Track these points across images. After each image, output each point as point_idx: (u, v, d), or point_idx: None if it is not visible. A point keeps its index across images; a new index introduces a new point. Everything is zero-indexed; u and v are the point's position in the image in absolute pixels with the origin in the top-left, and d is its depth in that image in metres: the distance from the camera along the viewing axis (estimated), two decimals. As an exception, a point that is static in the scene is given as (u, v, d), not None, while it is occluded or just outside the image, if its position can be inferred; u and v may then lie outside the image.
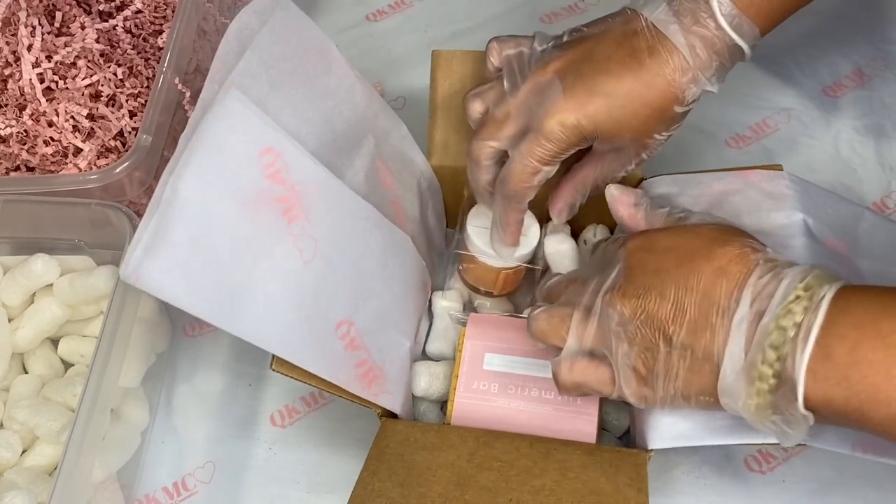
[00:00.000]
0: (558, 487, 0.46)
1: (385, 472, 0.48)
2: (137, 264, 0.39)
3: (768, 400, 0.40)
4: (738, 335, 0.41)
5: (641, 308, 0.44)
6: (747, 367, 0.40)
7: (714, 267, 0.43)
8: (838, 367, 0.38)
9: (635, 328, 0.44)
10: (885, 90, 0.72)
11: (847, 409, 0.38)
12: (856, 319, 0.38)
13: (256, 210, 0.44)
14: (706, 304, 0.42)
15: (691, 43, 0.48)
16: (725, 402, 0.42)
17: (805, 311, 0.39)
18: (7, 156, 0.61)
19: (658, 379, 0.44)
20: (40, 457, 0.55)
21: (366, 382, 0.50)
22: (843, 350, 0.38)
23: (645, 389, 0.45)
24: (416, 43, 0.78)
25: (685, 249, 0.45)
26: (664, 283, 0.44)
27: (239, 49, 0.46)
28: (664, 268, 0.44)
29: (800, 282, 0.40)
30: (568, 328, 0.46)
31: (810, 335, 0.38)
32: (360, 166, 0.53)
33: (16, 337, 0.58)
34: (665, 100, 0.49)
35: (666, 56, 0.48)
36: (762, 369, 0.40)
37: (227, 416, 0.61)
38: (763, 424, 0.41)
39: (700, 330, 0.42)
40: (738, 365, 0.41)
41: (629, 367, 0.44)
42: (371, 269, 0.52)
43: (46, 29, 0.63)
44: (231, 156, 0.43)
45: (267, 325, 0.44)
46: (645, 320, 0.44)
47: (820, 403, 0.38)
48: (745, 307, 0.41)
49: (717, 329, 0.42)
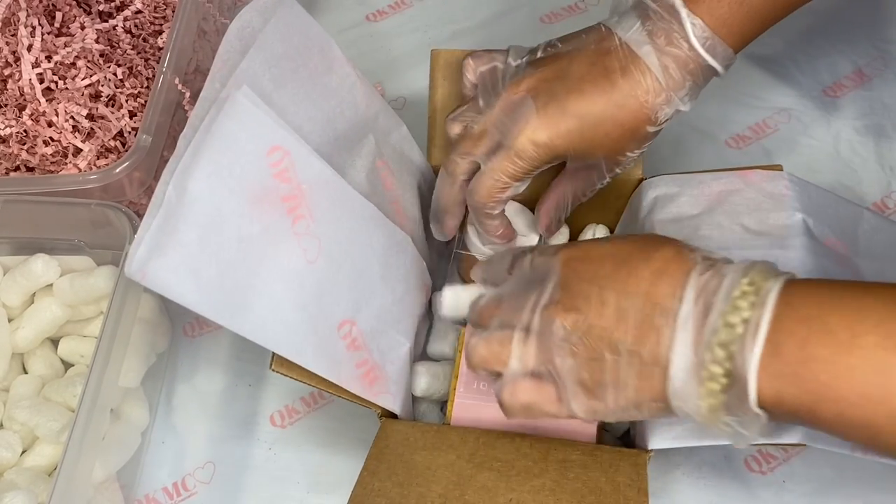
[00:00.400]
0: (558, 487, 0.46)
1: (385, 472, 0.48)
2: (144, 262, 0.39)
3: (720, 400, 0.38)
4: (685, 334, 0.39)
5: (582, 318, 0.42)
6: (696, 367, 0.39)
7: (653, 269, 0.42)
8: (788, 364, 0.37)
9: (578, 340, 0.42)
10: (885, 90, 0.72)
11: (798, 406, 0.37)
12: (803, 314, 0.37)
13: (262, 208, 0.44)
14: (649, 307, 0.41)
15: (664, 64, 0.48)
16: (676, 405, 0.40)
17: (752, 306, 0.38)
18: (7, 156, 0.61)
19: (607, 390, 0.42)
20: (40, 457, 0.55)
21: (366, 382, 0.50)
22: (793, 346, 0.37)
23: (594, 402, 0.43)
24: (416, 43, 0.78)
25: (620, 255, 0.43)
26: (603, 290, 0.42)
27: (241, 48, 0.46)
28: (601, 274, 0.43)
29: (743, 276, 0.39)
30: (509, 352, 0.45)
31: (759, 331, 0.37)
32: (361, 166, 0.53)
33: (16, 337, 0.58)
34: (637, 120, 0.49)
35: (639, 77, 0.48)
36: (712, 369, 0.38)
37: (227, 416, 0.61)
38: (716, 426, 0.40)
39: (645, 333, 0.40)
40: (687, 365, 0.39)
41: (575, 381, 0.43)
42: (373, 269, 0.52)
43: (46, 29, 0.63)
44: (240, 153, 0.43)
45: (271, 324, 0.44)
46: (587, 331, 0.42)
47: (771, 402, 0.37)
48: (688, 305, 0.40)
49: (663, 330, 0.40)
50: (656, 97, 0.48)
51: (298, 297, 0.46)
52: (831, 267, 0.49)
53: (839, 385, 0.36)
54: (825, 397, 0.36)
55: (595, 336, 0.42)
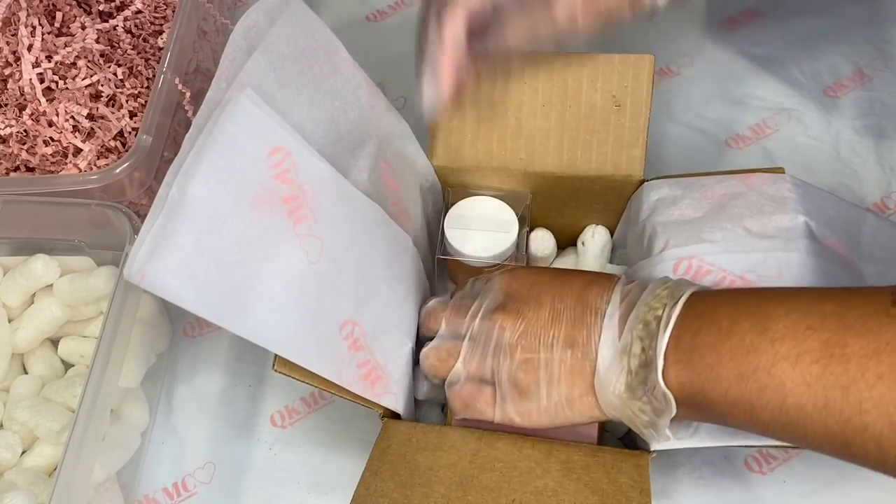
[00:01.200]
0: (560, 488, 0.46)
1: (387, 473, 0.48)
2: (142, 264, 0.39)
3: (636, 387, 0.43)
4: (611, 328, 0.45)
5: (521, 319, 0.48)
6: (619, 354, 0.44)
7: (585, 279, 0.49)
8: (684, 352, 0.42)
9: (516, 340, 0.47)
10: (885, 90, 0.72)
11: (693, 390, 0.41)
12: (699, 311, 0.43)
13: (263, 210, 0.44)
14: (580, 307, 0.47)
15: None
16: (600, 392, 0.45)
17: (664, 307, 0.43)
18: (7, 156, 0.61)
19: (540, 387, 0.46)
20: (40, 457, 0.55)
21: (368, 383, 0.50)
22: (688, 337, 0.42)
23: (527, 403, 0.47)
24: (416, 43, 0.78)
25: (556, 272, 0.51)
26: (540, 294, 0.48)
27: (247, 48, 0.46)
28: (540, 282, 0.49)
29: (660, 287, 0.45)
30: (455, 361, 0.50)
31: (668, 325, 0.42)
32: (364, 166, 0.53)
33: (16, 337, 0.58)
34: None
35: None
36: (629, 361, 0.44)
37: (227, 417, 0.61)
38: (632, 412, 0.44)
39: (577, 330, 0.46)
40: (610, 356, 0.45)
41: (511, 383, 0.47)
42: (375, 270, 0.52)
43: (46, 29, 0.63)
44: (241, 155, 0.43)
45: (272, 325, 0.44)
46: (524, 331, 0.47)
47: (675, 387, 0.42)
48: (614, 306, 0.46)
49: (592, 326, 0.46)
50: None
51: (300, 298, 0.46)
52: (833, 269, 0.49)
53: (721, 366, 0.40)
54: (710, 378, 0.41)
55: (531, 335, 0.47)
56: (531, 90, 0.57)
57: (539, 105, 0.57)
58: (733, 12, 0.77)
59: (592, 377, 0.45)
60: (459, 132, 0.59)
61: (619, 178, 0.57)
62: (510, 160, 0.59)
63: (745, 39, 0.75)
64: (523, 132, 0.58)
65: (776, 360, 0.38)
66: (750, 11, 0.77)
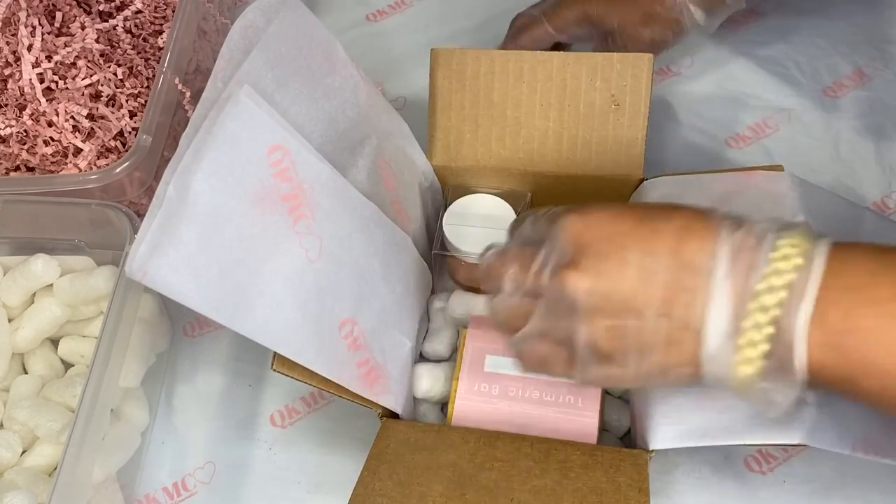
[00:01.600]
0: (559, 487, 0.46)
1: (386, 472, 0.48)
2: (144, 261, 0.39)
3: (759, 367, 0.37)
4: (722, 296, 0.37)
5: (601, 282, 0.39)
6: (734, 331, 0.37)
7: (678, 227, 0.39)
8: (833, 334, 0.35)
9: (595, 304, 0.39)
10: (885, 90, 0.72)
11: (837, 377, 0.36)
12: (850, 282, 0.36)
13: (263, 208, 0.44)
14: (677, 266, 0.38)
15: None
16: (709, 370, 0.38)
17: (797, 269, 0.36)
18: (7, 156, 0.61)
19: (629, 356, 0.39)
20: (40, 457, 0.55)
21: (368, 382, 0.50)
22: (838, 315, 0.35)
23: (612, 369, 0.40)
24: (416, 43, 0.78)
25: (638, 213, 0.41)
26: (623, 249, 0.39)
27: (244, 47, 0.46)
28: (620, 232, 0.40)
29: (782, 237, 0.37)
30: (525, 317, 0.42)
31: (806, 296, 0.35)
32: (363, 166, 0.53)
33: (16, 337, 0.58)
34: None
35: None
36: (752, 335, 0.36)
37: (227, 416, 0.61)
38: (749, 393, 0.38)
39: (675, 295, 0.38)
40: (724, 329, 0.37)
41: (590, 348, 0.40)
42: (374, 269, 0.52)
43: (46, 29, 0.63)
44: (241, 153, 0.43)
45: (272, 324, 0.44)
46: (606, 294, 0.39)
47: (812, 371, 0.36)
48: (724, 264, 0.37)
49: (696, 291, 0.37)
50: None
51: (299, 297, 0.46)
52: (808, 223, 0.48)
53: (884, 359, 0.35)
54: (869, 370, 0.35)
55: (615, 299, 0.39)
56: (530, 90, 0.57)
57: (538, 104, 0.57)
58: (733, 12, 0.77)
59: (695, 348, 0.38)
60: (458, 132, 0.59)
61: (619, 177, 0.57)
62: (509, 160, 0.59)
63: (745, 39, 0.75)
64: (522, 132, 0.58)
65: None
66: (750, 11, 0.77)
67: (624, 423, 0.55)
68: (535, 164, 0.58)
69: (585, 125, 0.57)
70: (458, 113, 0.59)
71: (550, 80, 0.57)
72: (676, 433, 0.48)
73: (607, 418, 0.55)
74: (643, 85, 0.56)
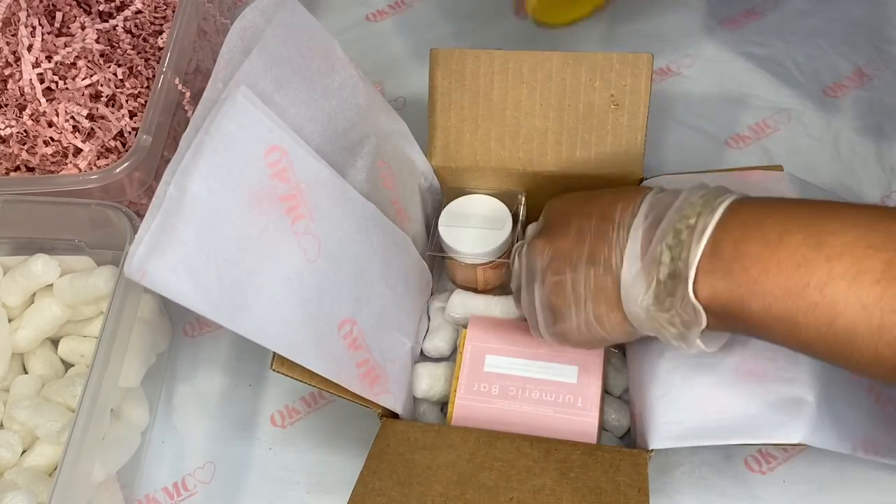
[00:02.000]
0: (559, 487, 0.46)
1: (386, 472, 0.48)
2: (143, 261, 0.39)
3: (664, 299, 0.42)
4: (635, 240, 0.44)
5: (549, 244, 0.48)
6: (645, 267, 0.43)
7: (613, 196, 0.47)
8: (723, 262, 0.40)
9: (546, 265, 0.48)
10: (885, 90, 0.72)
11: (730, 302, 0.40)
12: (742, 218, 0.40)
13: (261, 208, 0.44)
14: (604, 224, 0.46)
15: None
16: (627, 306, 0.44)
17: (699, 215, 0.41)
18: (7, 156, 0.61)
19: (570, 308, 0.47)
20: (40, 457, 0.55)
21: (367, 382, 0.50)
22: (729, 245, 0.40)
23: (561, 325, 0.48)
24: (416, 43, 0.78)
25: (591, 193, 0.50)
26: (568, 218, 0.48)
27: (243, 48, 0.46)
28: (570, 206, 0.50)
29: (697, 195, 0.42)
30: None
31: (704, 234, 0.40)
32: (362, 166, 0.53)
33: (16, 337, 0.58)
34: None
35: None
36: (654, 270, 0.42)
37: (227, 416, 0.61)
38: (660, 325, 0.43)
39: (599, 247, 0.45)
40: (636, 267, 0.43)
41: (546, 306, 0.48)
42: (373, 269, 0.52)
43: (46, 29, 0.63)
44: (238, 153, 0.43)
45: (271, 323, 0.44)
46: (554, 255, 0.47)
47: (708, 298, 0.40)
48: (641, 217, 0.44)
49: (615, 241, 0.45)
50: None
51: (298, 297, 0.46)
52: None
53: (766, 279, 0.39)
54: (754, 291, 0.39)
55: (559, 258, 0.47)
56: (529, 89, 0.57)
57: (537, 104, 0.57)
58: (733, 12, 0.77)
59: (617, 293, 0.45)
60: (458, 132, 0.59)
61: (618, 177, 0.57)
62: (509, 159, 0.59)
63: (745, 39, 0.75)
64: (522, 132, 0.58)
65: (831, 277, 0.36)
66: (750, 11, 0.77)
67: (623, 422, 0.55)
68: (534, 164, 0.58)
69: (585, 125, 0.57)
70: (458, 113, 0.59)
71: (550, 80, 0.57)
72: (676, 433, 0.48)
73: (607, 418, 0.55)
74: (643, 85, 0.56)
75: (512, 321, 0.57)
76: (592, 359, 0.54)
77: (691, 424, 0.47)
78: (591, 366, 0.54)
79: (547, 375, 0.54)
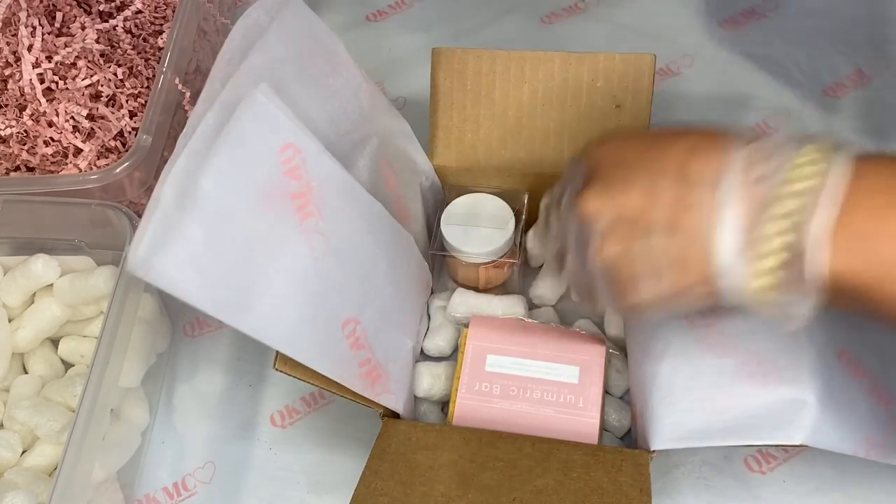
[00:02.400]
0: (561, 487, 0.46)
1: (387, 472, 0.48)
2: (148, 258, 0.39)
3: (775, 278, 0.36)
4: (730, 204, 0.36)
5: (610, 203, 0.39)
6: (752, 240, 0.36)
7: (687, 145, 0.38)
8: (856, 238, 0.34)
9: (605, 229, 0.39)
10: (885, 90, 0.72)
11: (859, 283, 0.34)
12: (875, 184, 0.34)
13: (271, 206, 0.44)
14: (682, 181, 0.37)
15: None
16: (723, 285, 0.37)
17: (817, 175, 0.34)
18: (7, 156, 0.61)
19: (644, 280, 0.39)
20: (40, 457, 0.55)
21: (369, 382, 0.50)
22: (862, 218, 0.34)
23: (629, 297, 0.40)
24: (416, 43, 0.78)
25: (650, 138, 0.41)
26: (628, 170, 0.39)
27: (245, 47, 0.46)
28: (630, 155, 0.40)
29: (802, 145, 0.36)
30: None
31: (828, 200, 0.34)
32: (364, 166, 0.53)
33: (16, 337, 0.58)
34: None
35: None
36: (766, 245, 0.35)
37: (227, 416, 0.61)
38: (764, 307, 0.37)
39: (679, 210, 0.37)
40: (738, 239, 0.36)
41: (605, 277, 0.40)
42: (379, 269, 0.52)
43: (47, 29, 0.63)
44: (253, 150, 0.43)
45: (275, 322, 0.44)
46: (615, 217, 0.39)
47: (835, 275, 0.35)
48: (735, 173, 0.36)
49: (702, 206, 0.36)
50: None
51: (303, 296, 0.46)
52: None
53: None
54: (891, 274, 0.34)
55: (625, 221, 0.39)
56: (531, 89, 0.57)
57: (539, 104, 0.57)
58: (733, 12, 0.77)
59: (707, 265, 0.37)
60: (460, 131, 0.59)
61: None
62: (510, 159, 0.59)
63: (745, 39, 0.75)
64: (524, 132, 0.58)
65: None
66: (750, 11, 0.77)
67: (624, 423, 0.56)
68: (536, 164, 0.58)
69: (587, 125, 0.57)
70: (460, 113, 0.59)
71: (552, 80, 0.57)
72: (678, 434, 0.48)
73: (607, 418, 0.56)
74: (645, 85, 0.56)
75: (513, 321, 0.57)
76: (593, 359, 0.54)
77: (693, 425, 0.47)
78: (593, 366, 0.54)
79: (548, 375, 0.54)
